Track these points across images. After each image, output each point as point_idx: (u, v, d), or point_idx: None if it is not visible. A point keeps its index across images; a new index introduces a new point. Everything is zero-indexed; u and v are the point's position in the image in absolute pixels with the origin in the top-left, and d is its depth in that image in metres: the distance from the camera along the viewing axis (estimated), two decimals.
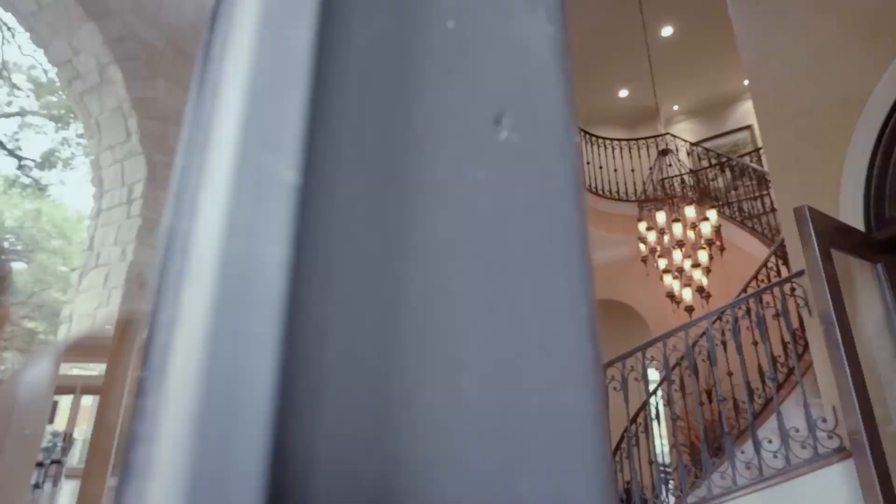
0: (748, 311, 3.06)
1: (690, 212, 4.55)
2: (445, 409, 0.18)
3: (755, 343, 3.29)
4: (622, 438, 4.12)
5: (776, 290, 2.91)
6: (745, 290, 3.69)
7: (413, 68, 0.21)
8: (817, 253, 1.86)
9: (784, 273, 4.04)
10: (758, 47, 3.09)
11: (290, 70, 0.19)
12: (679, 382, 3.72)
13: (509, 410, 0.18)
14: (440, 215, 0.20)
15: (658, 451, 3.26)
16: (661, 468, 3.30)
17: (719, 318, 3.15)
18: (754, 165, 5.52)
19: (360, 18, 0.21)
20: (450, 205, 0.20)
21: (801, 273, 2.73)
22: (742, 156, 6.40)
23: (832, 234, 2.00)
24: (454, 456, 0.17)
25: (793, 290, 2.81)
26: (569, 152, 0.23)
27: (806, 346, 3.57)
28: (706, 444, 2.78)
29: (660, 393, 3.95)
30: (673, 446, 4.21)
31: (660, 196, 4.90)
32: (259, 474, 0.15)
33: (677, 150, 5.59)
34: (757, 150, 6.67)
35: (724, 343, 3.26)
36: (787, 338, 3.79)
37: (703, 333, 3.04)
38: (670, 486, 3.54)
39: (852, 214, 2.44)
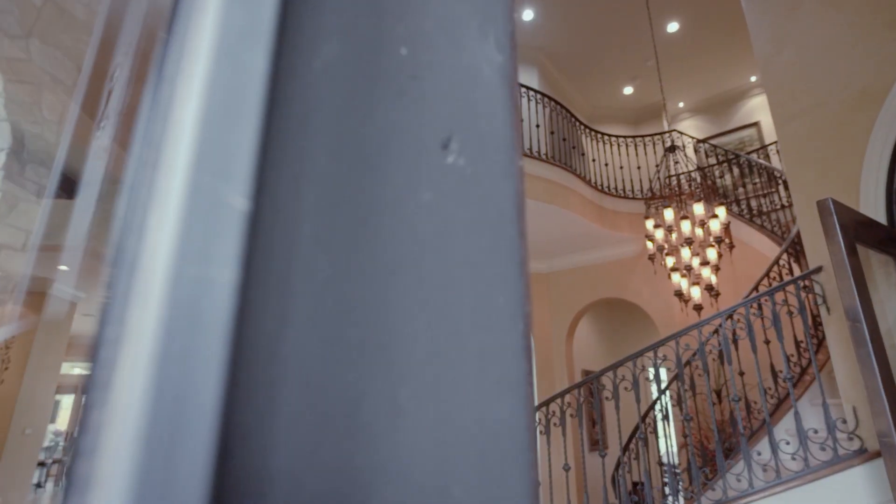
0: (759, 309, 2.99)
1: (699, 209, 4.47)
2: (385, 421, 0.19)
3: (767, 342, 3.22)
4: (630, 439, 4.05)
5: (791, 287, 2.83)
6: (756, 289, 3.62)
7: (365, 92, 0.22)
8: (843, 247, 1.79)
9: (796, 271, 3.96)
10: (771, 38, 3.02)
11: (244, 97, 0.19)
12: (690, 382, 3.65)
13: (445, 421, 0.19)
14: (386, 236, 0.20)
15: (667, 451, 3.18)
16: (673, 469, 3.23)
17: (730, 317, 3.07)
18: (763, 162, 5.44)
19: (316, 43, 0.22)
20: (396, 226, 0.21)
21: (818, 270, 2.66)
22: (749, 153, 6.32)
23: (856, 228, 1.93)
24: (393, 464, 0.18)
25: (806, 287, 2.74)
26: (512, 176, 0.24)
27: (819, 345, 3.49)
28: (720, 445, 2.71)
29: (667, 393, 3.88)
30: (682, 447, 4.14)
31: (668, 193, 4.82)
32: (204, 488, 0.15)
33: (684, 146, 5.51)
34: (764, 146, 6.59)
35: (735, 342, 3.19)
36: (800, 336, 3.72)
37: (716, 330, 2.97)
38: (679, 488, 3.46)
39: (874, 209, 2.36)
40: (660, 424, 3.63)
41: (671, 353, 2.98)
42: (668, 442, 2.95)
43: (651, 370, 2.94)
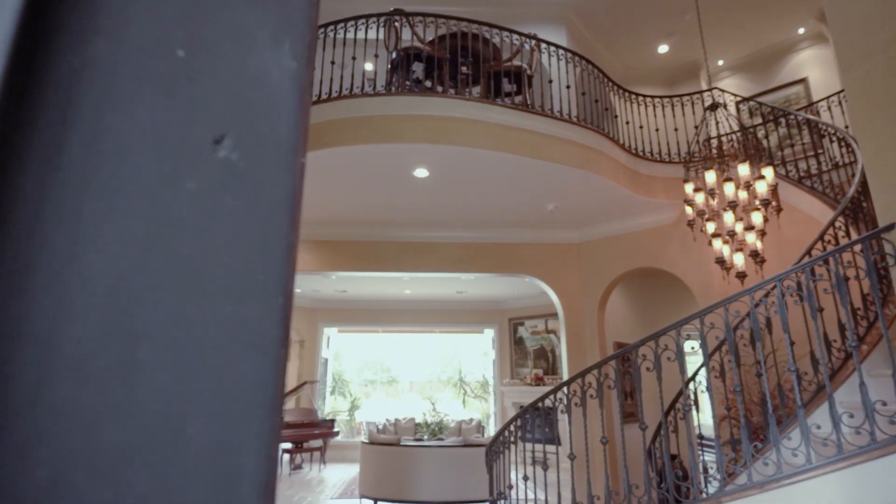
0: (812, 273, 2.75)
1: (744, 170, 4.17)
2: (119, 371, 0.21)
3: (821, 310, 2.98)
4: (669, 411, 3.88)
5: (850, 249, 2.58)
6: (809, 254, 3.35)
7: (130, 90, 0.24)
8: None
9: (853, 235, 3.66)
10: None
11: None
12: (735, 353, 3.45)
13: (188, 373, 0.22)
14: (139, 218, 0.23)
15: (714, 424, 3.01)
16: (716, 443, 3.07)
17: (777, 284, 2.83)
18: (815, 118, 5.04)
19: (77, 42, 0.23)
20: (155, 208, 0.23)
21: (890, 227, 2.40)
22: (799, 110, 5.89)
23: None
24: (125, 406, 0.21)
25: (868, 248, 2.48)
26: (290, 171, 0.26)
27: (877, 314, 3.23)
28: (772, 417, 2.53)
29: (702, 371, 3.69)
30: (724, 419, 3.96)
31: (710, 154, 4.52)
32: None
33: (726, 105, 5.15)
34: (812, 104, 6.14)
35: (776, 314, 2.96)
36: (856, 303, 3.46)
37: (768, 294, 2.75)
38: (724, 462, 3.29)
39: None
40: (701, 397, 3.46)
41: (718, 320, 2.78)
42: (714, 413, 2.78)
43: (695, 341, 2.75)
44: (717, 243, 4.41)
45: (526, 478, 3.61)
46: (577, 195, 5.07)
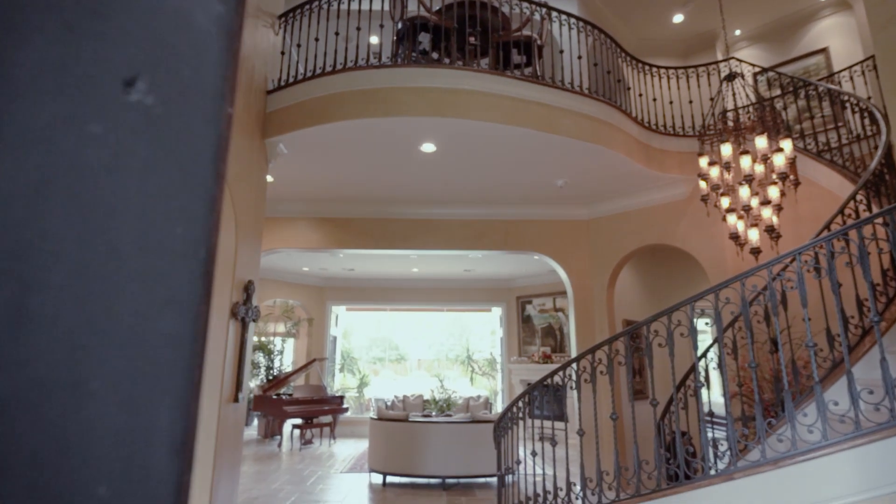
0: (832, 247, 2.66)
1: (761, 142, 4.03)
2: (8, 323, 0.20)
3: (840, 285, 2.90)
4: (679, 388, 3.84)
5: (868, 224, 2.48)
6: (828, 228, 3.24)
7: (23, 20, 0.22)
8: None
9: (874, 209, 3.54)
10: None
11: None
12: (749, 328, 3.38)
13: (87, 326, 0.21)
14: (38, 157, 0.21)
15: (725, 401, 2.97)
16: (728, 420, 3.03)
17: (796, 258, 2.74)
18: (837, 88, 4.85)
19: None
20: (52, 150, 0.22)
21: None
22: (819, 80, 5.68)
23: None
24: (14, 360, 0.20)
25: (893, 221, 2.38)
26: (214, 121, 0.25)
27: None
28: (788, 393, 2.47)
29: (714, 348, 3.63)
30: (734, 396, 3.92)
31: (726, 127, 4.37)
32: None
33: (743, 76, 4.96)
34: (833, 74, 5.92)
35: (793, 289, 2.88)
36: (877, 279, 3.36)
37: (786, 267, 2.67)
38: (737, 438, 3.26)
39: None
40: (713, 374, 3.41)
41: (734, 295, 2.71)
42: (725, 390, 2.74)
43: (707, 318, 2.69)
44: (732, 218, 4.29)
45: (534, 453, 3.61)
46: (588, 170, 4.96)
